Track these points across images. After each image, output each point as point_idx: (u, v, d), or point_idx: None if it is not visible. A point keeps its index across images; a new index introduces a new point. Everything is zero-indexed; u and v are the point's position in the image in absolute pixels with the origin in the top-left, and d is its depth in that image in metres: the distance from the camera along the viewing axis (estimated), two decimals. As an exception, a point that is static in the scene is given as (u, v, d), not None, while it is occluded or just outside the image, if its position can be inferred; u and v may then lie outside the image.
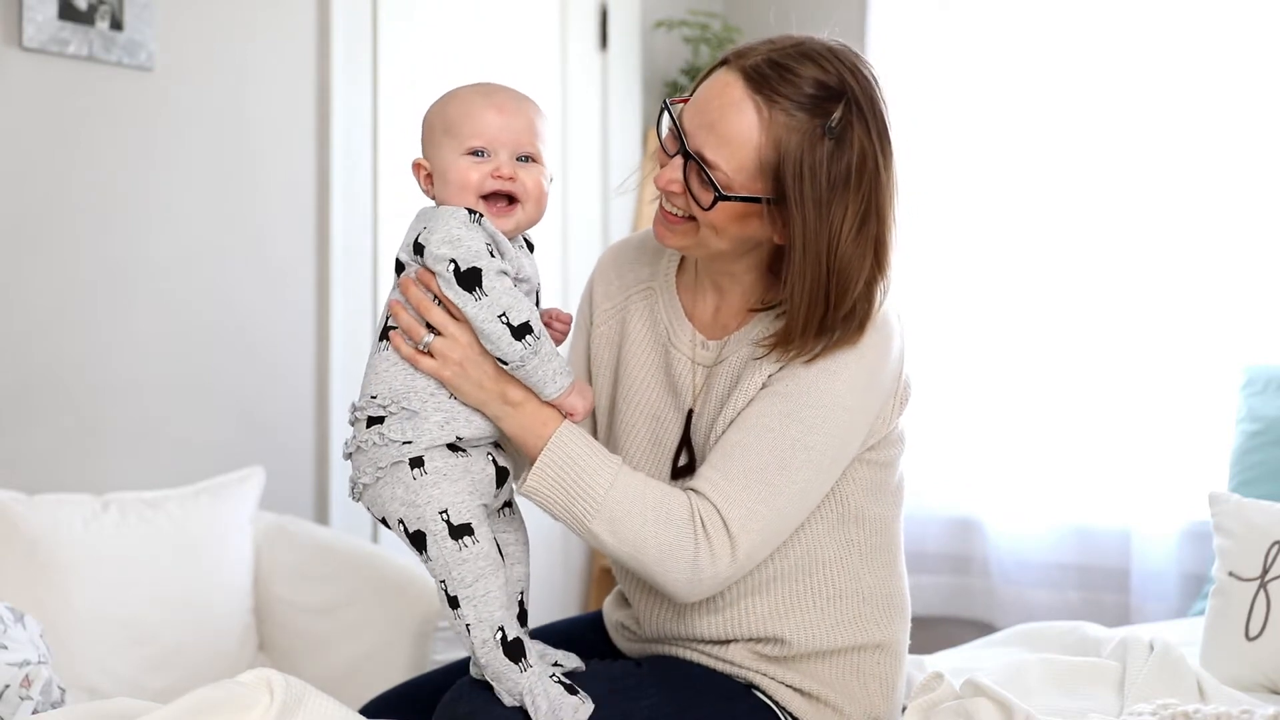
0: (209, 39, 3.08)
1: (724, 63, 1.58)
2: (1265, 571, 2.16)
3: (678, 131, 1.57)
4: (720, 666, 1.67)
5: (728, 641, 1.66)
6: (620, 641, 1.80)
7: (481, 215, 1.52)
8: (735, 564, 1.53)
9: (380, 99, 3.37)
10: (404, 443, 1.51)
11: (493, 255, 1.51)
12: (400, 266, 1.57)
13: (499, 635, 1.50)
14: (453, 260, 1.49)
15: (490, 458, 1.56)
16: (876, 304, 1.57)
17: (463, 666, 1.70)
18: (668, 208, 1.61)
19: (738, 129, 1.53)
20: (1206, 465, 3.14)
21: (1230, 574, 2.20)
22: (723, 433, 1.60)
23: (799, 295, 1.53)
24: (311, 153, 3.25)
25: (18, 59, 2.79)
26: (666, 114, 1.60)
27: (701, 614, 1.65)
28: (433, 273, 1.51)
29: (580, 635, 1.81)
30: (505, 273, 1.51)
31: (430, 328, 1.53)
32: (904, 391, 1.66)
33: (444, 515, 1.50)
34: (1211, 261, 3.21)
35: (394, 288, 1.58)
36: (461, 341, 1.51)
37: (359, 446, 1.54)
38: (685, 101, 1.61)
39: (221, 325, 3.11)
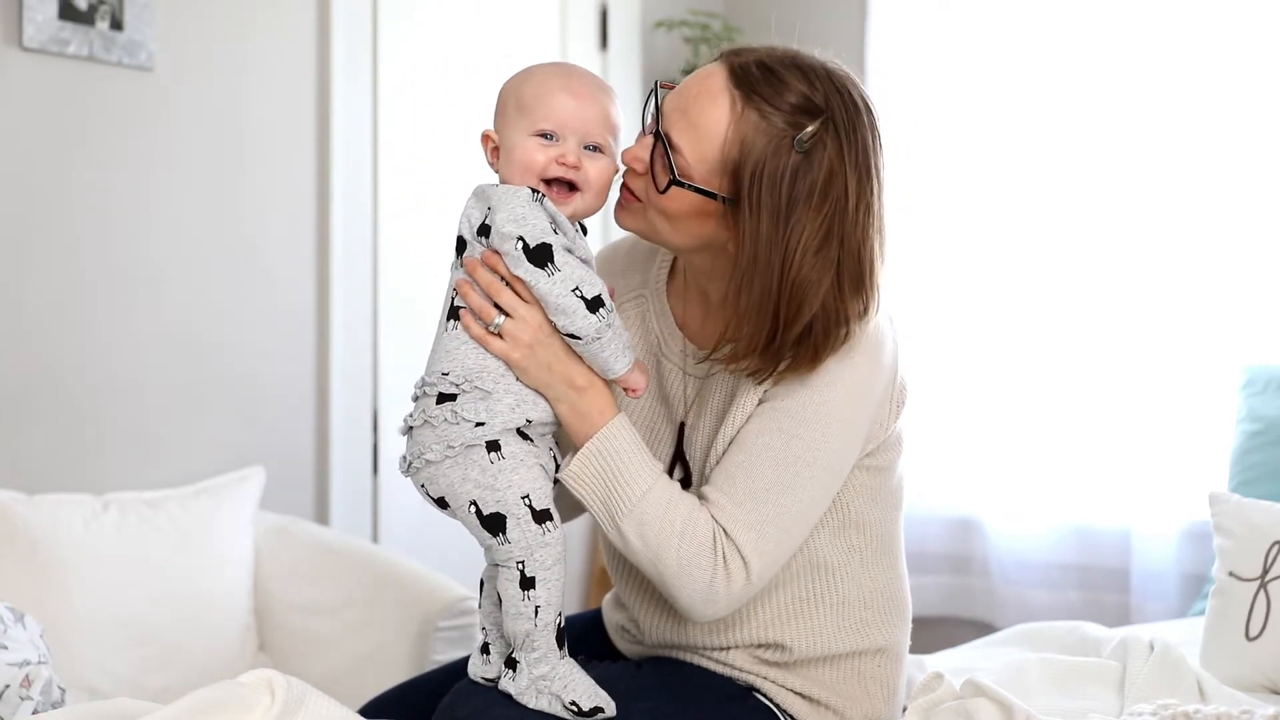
0: (209, 39, 3.08)
1: (720, 57, 1.57)
2: (1265, 571, 2.16)
3: (657, 113, 1.57)
4: (721, 669, 1.66)
5: (729, 648, 1.66)
6: (620, 643, 1.80)
7: (543, 195, 1.53)
8: (750, 586, 1.53)
9: (380, 99, 3.37)
10: (477, 424, 1.51)
11: (555, 233, 1.52)
12: (461, 245, 1.57)
13: (559, 619, 1.53)
14: (520, 238, 1.49)
15: (553, 453, 1.57)
16: (844, 332, 1.53)
17: (462, 667, 1.70)
18: (628, 185, 1.60)
19: (708, 118, 1.52)
20: (1206, 465, 3.14)
21: (1230, 574, 2.20)
22: (723, 452, 1.59)
23: (746, 306, 1.51)
24: (311, 153, 3.25)
25: (18, 59, 2.79)
26: (653, 96, 1.59)
27: (698, 623, 1.65)
28: (498, 253, 1.52)
29: (580, 633, 1.81)
30: (569, 250, 1.52)
31: (499, 309, 1.53)
32: (900, 395, 1.65)
33: (526, 500, 1.51)
34: (1211, 261, 3.21)
35: (454, 266, 1.58)
36: (531, 324, 1.52)
37: (427, 421, 1.53)
38: (674, 88, 1.60)
39: (221, 325, 3.11)
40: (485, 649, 1.60)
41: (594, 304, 1.50)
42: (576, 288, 1.50)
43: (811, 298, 1.49)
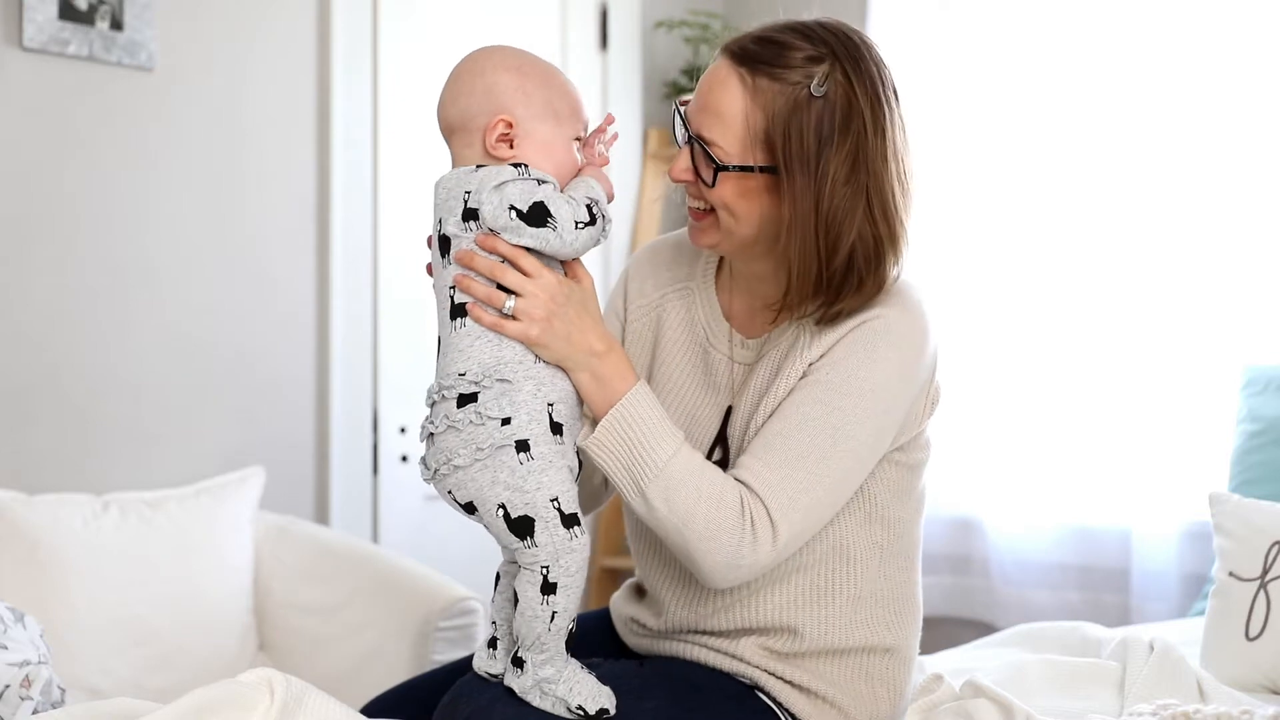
0: (209, 39, 3.08)
1: (721, 51, 1.63)
2: (1265, 572, 2.16)
3: (684, 124, 1.61)
4: (727, 664, 1.66)
5: (740, 635, 1.66)
6: (628, 637, 1.80)
7: (527, 166, 1.52)
8: (775, 552, 1.54)
9: (380, 99, 3.37)
10: (503, 421, 1.49)
11: (540, 185, 1.51)
12: (446, 245, 1.53)
13: (572, 625, 1.52)
14: (513, 207, 1.49)
15: (575, 451, 1.56)
16: (887, 266, 1.59)
17: (462, 666, 1.70)
18: (691, 204, 1.64)
19: (727, 103, 1.57)
20: (1206, 465, 3.14)
21: (1230, 574, 2.21)
22: (763, 423, 1.61)
23: (793, 253, 1.56)
24: (311, 153, 3.25)
25: (18, 59, 2.79)
26: (677, 112, 1.64)
27: (719, 602, 1.66)
28: (494, 233, 1.50)
29: (585, 630, 1.80)
30: (555, 188, 1.52)
31: (506, 291, 1.51)
32: (935, 393, 1.70)
33: (555, 503, 1.49)
34: (1211, 261, 3.21)
35: (444, 265, 1.54)
36: (543, 297, 1.51)
37: (451, 426, 1.50)
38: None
39: (221, 325, 3.11)
40: (493, 643, 1.60)
41: (593, 220, 1.52)
42: (577, 223, 1.51)
43: (847, 227, 1.55)
